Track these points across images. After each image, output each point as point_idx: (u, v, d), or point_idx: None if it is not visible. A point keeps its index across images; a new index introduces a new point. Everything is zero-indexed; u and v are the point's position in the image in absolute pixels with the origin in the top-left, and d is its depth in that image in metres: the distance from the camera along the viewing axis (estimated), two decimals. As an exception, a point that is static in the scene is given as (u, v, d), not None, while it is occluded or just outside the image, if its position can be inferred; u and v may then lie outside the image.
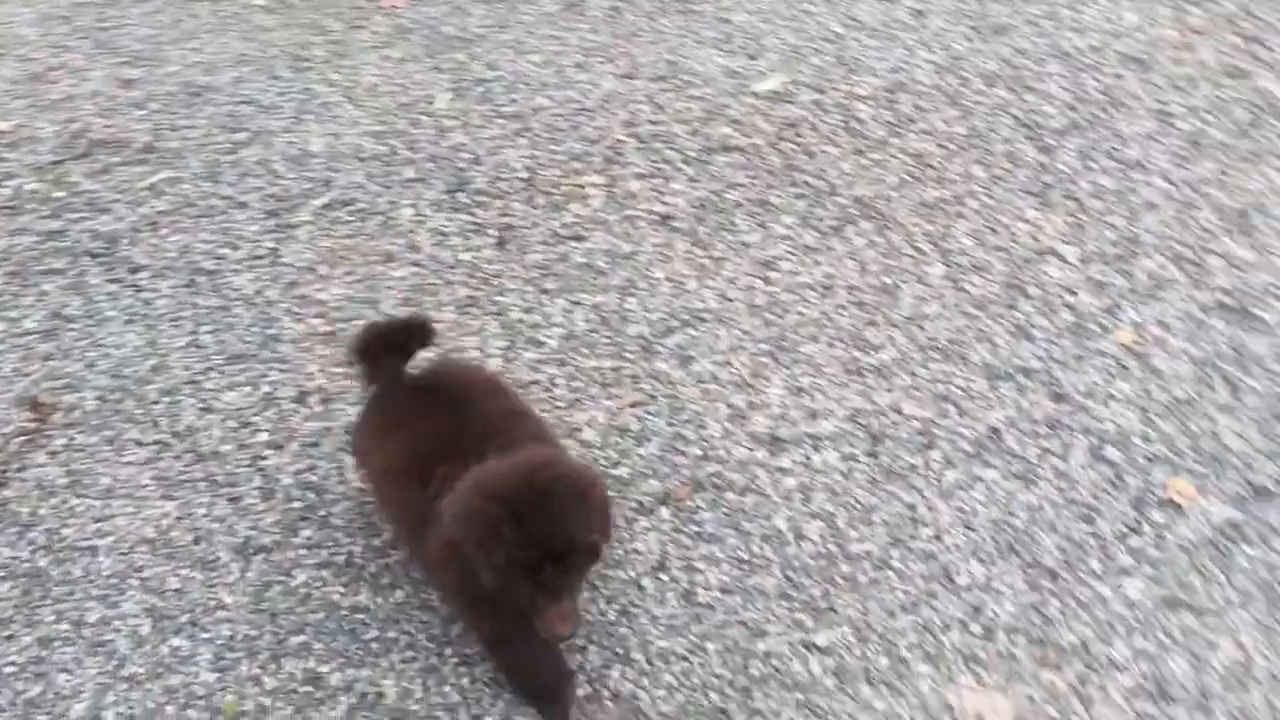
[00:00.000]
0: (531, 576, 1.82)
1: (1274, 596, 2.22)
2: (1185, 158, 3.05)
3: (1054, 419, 2.51)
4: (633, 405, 2.57)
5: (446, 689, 2.12)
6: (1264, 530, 2.32)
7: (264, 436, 2.53)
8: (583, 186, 3.08)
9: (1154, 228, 2.87)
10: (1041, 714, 2.10)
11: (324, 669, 2.15)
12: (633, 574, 2.27)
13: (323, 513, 2.39)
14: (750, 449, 2.49)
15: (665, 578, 2.27)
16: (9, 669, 2.17)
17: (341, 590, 2.27)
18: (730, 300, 2.79)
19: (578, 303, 2.79)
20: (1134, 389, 2.55)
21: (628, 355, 2.67)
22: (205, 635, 2.21)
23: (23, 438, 2.54)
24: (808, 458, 2.47)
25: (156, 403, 2.60)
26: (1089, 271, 2.79)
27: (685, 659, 2.15)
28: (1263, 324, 2.65)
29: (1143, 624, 2.19)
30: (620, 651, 2.16)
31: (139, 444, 2.52)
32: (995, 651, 2.17)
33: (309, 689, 2.13)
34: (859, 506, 2.38)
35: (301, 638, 2.20)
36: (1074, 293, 2.75)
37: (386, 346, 2.21)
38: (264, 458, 2.49)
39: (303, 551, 2.33)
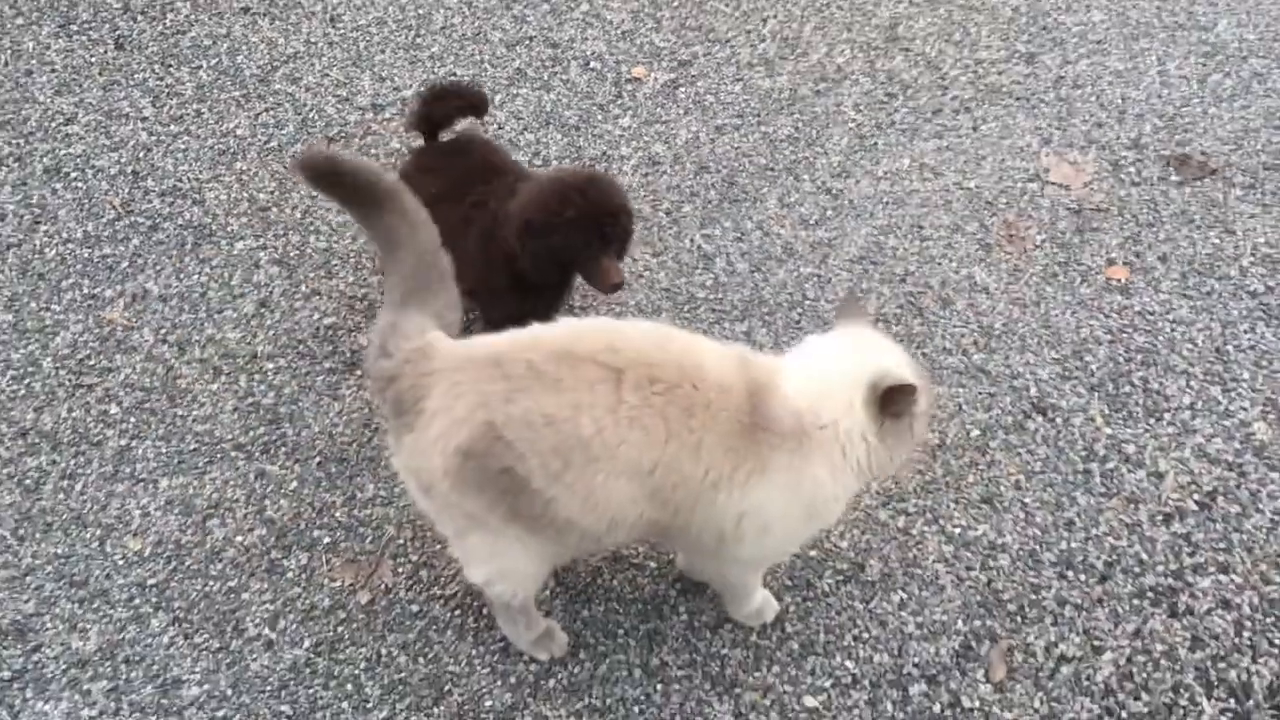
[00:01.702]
0: (596, 230, 2.38)
1: (704, 106, 3.59)
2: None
3: (554, 57, 3.75)
4: (266, 110, 3.51)
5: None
6: (690, 78, 3.69)
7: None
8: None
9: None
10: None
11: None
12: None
13: None
14: (360, 114, 3.51)
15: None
16: None
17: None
18: (313, 44, 3.78)
19: (198, 68, 3.66)
20: (598, 31, 3.85)
21: (249, 86, 3.60)
22: None
23: None
24: (401, 110, 3.53)
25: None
26: (553, -20, 4.07)
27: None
28: (665, -17, 4.05)
29: (635, 136, 3.48)
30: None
31: None
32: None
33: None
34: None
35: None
36: (547, -7, 4.02)
37: (456, 106, 2.74)
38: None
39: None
